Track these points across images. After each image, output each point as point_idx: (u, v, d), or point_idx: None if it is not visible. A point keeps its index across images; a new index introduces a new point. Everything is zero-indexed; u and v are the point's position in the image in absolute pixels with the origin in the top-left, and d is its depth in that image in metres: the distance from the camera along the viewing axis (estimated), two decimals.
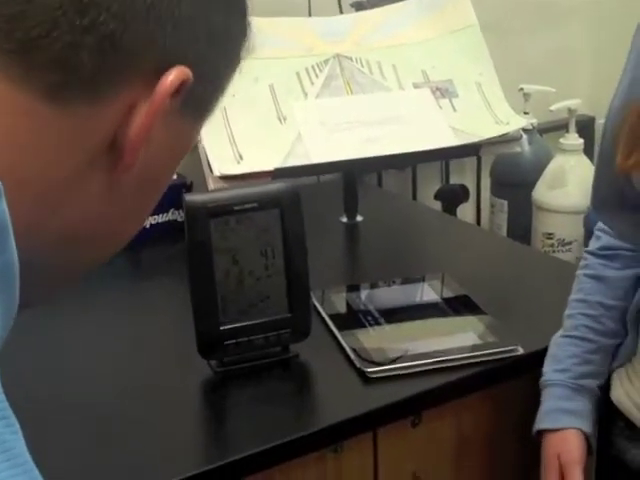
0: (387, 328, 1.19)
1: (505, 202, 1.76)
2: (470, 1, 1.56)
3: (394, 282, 1.32)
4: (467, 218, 1.84)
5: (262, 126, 1.41)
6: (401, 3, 1.59)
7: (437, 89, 1.49)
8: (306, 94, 1.47)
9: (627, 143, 0.99)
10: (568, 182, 1.66)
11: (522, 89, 1.76)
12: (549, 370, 1.12)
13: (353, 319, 1.22)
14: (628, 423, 1.09)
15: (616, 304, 1.12)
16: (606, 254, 1.15)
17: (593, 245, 1.18)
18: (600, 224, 1.17)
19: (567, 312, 1.15)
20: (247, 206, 1.08)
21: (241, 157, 1.37)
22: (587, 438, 1.08)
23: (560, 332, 1.14)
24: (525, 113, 1.76)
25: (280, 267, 1.09)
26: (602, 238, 1.16)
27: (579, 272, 1.17)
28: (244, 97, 1.44)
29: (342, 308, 1.26)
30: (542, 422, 1.10)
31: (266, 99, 1.44)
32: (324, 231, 1.48)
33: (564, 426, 1.08)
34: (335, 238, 1.52)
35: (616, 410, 1.10)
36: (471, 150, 1.42)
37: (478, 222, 1.90)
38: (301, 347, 1.12)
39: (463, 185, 1.75)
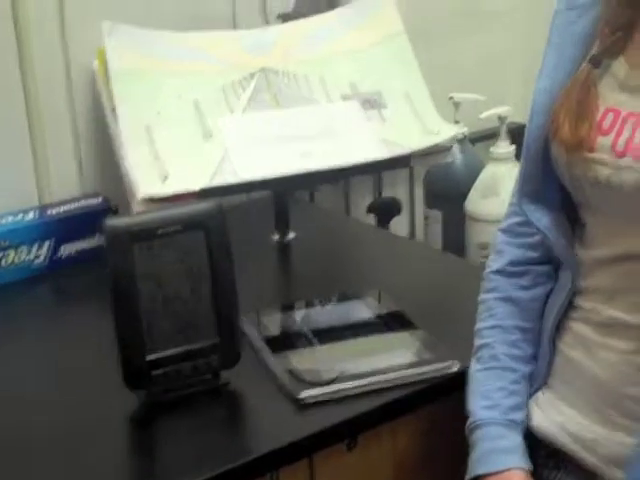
0: (321, 349, 1.16)
1: (439, 213, 1.75)
2: (397, 9, 1.54)
3: (329, 301, 1.29)
4: (402, 231, 1.83)
5: (187, 144, 1.37)
6: (328, 14, 1.57)
7: (366, 101, 1.47)
8: (232, 109, 1.43)
9: (573, 118, 0.98)
10: (500, 191, 1.65)
11: (452, 98, 1.74)
12: (477, 408, 1.05)
13: (287, 341, 1.19)
14: (549, 451, 1.04)
15: (532, 326, 1.08)
16: (515, 271, 1.10)
17: (498, 263, 1.11)
18: (502, 237, 1.12)
19: (481, 342, 1.09)
20: (171, 229, 1.04)
21: (166, 177, 1.32)
22: (527, 475, 1.02)
23: (477, 364, 1.08)
24: (456, 122, 1.75)
25: (207, 291, 1.05)
26: (506, 253, 1.11)
27: (487, 296, 1.11)
28: (168, 114, 1.40)
29: (275, 330, 1.22)
30: (479, 467, 1.03)
31: (191, 116, 1.40)
32: (256, 251, 1.45)
33: (504, 467, 1.01)
34: (267, 257, 1.48)
35: (535, 439, 1.05)
36: (402, 162, 1.40)
37: (413, 234, 1.88)
38: (232, 373, 1.08)
39: (395, 198, 1.73)
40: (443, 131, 1.42)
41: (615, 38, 0.98)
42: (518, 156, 1.72)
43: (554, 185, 1.03)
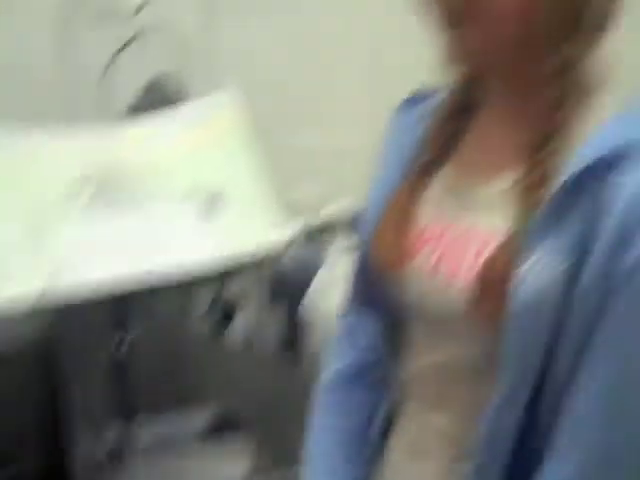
0: (150, 469, 1.16)
1: (277, 312, 1.77)
2: (237, 108, 1.57)
3: (160, 414, 1.29)
4: (241, 330, 1.84)
5: (24, 248, 1.36)
6: (168, 113, 1.59)
7: (206, 201, 1.49)
8: (69, 213, 1.43)
9: (393, 233, 1.01)
10: (340, 286, 1.69)
11: (292, 192, 1.79)
12: None
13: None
14: None
15: (363, 430, 1.10)
16: (349, 374, 1.12)
17: (333, 365, 1.13)
18: (337, 339, 1.14)
19: (313, 445, 1.10)
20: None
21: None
22: None
23: (309, 466, 1.09)
24: (296, 218, 1.79)
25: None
26: (341, 355, 1.13)
27: (321, 398, 1.12)
28: (4, 217, 1.38)
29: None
30: None
31: (28, 220, 1.39)
32: (93, 356, 1.44)
33: None
34: (104, 363, 1.47)
35: None
36: (242, 262, 1.42)
37: (252, 335, 1.89)
38: None
39: (235, 299, 1.75)
40: (283, 232, 1.45)
41: (439, 151, 1.02)
42: None
43: (380, 293, 1.05)
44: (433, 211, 1.01)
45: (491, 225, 0.93)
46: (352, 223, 1.78)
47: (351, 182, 2.02)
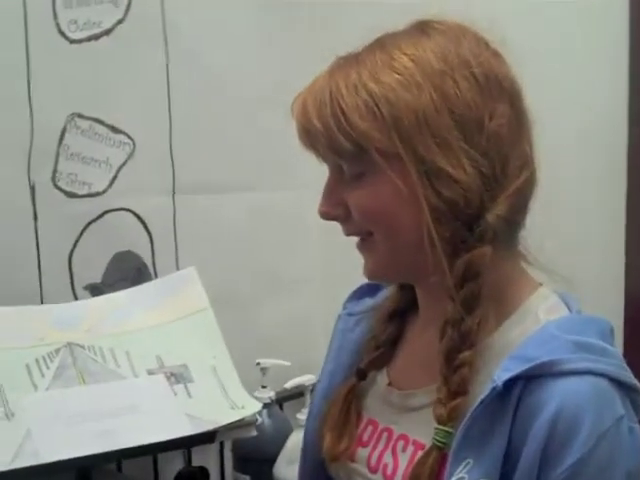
0: None
1: (248, 478, 1.75)
2: (201, 284, 1.60)
3: None
4: None
5: None
6: (134, 289, 1.61)
7: (172, 375, 1.49)
8: (36, 386, 1.42)
9: (335, 430, 1.02)
10: None
11: (259, 363, 1.79)
12: None
13: None
14: None
15: None
16: None
17: None
18: None
19: None
20: None
21: None
22: None
23: None
24: (263, 387, 1.79)
25: None
26: None
27: None
28: None
29: None
30: None
31: None
32: None
33: None
34: None
35: None
36: (206, 437, 1.41)
37: None
38: None
39: (203, 467, 1.73)
40: (248, 405, 1.45)
41: (379, 353, 1.05)
42: None
43: None
44: (377, 407, 1.03)
45: (422, 435, 0.94)
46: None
47: (315, 354, 2.04)
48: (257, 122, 1.92)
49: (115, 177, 1.79)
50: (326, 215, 0.97)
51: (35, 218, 1.69)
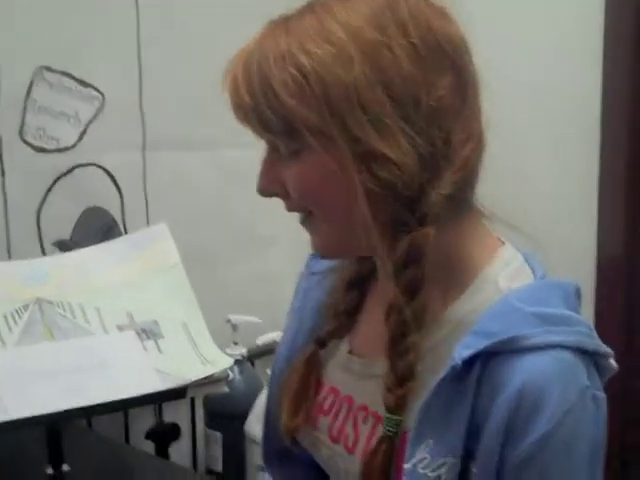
0: None
1: (219, 434, 1.75)
2: (172, 239, 1.59)
3: None
4: (183, 454, 1.81)
5: None
6: (104, 244, 1.59)
7: (142, 330, 1.48)
8: (4, 342, 1.40)
9: (293, 400, 1.00)
10: None
11: (230, 320, 1.79)
12: None
13: None
14: None
15: None
16: None
17: None
18: None
19: None
20: None
21: None
22: None
23: None
24: (235, 343, 1.79)
25: None
26: None
27: None
28: None
29: None
30: None
31: None
32: None
33: None
34: None
35: None
36: (177, 393, 1.40)
37: (194, 458, 1.86)
38: None
39: (175, 424, 1.73)
40: (219, 361, 1.44)
41: (338, 322, 1.02)
42: None
43: (289, 453, 1.07)
44: (338, 375, 1.01)
45: (381, 407, 0.90)
46: None
47: (285, 310, 2.04)
48: None
49: (84, 132, 1.77)
50: (264, 192, 0.93)
51: (2, 173, 1.66)
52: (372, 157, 0.83)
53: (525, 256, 0.93)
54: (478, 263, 0.89)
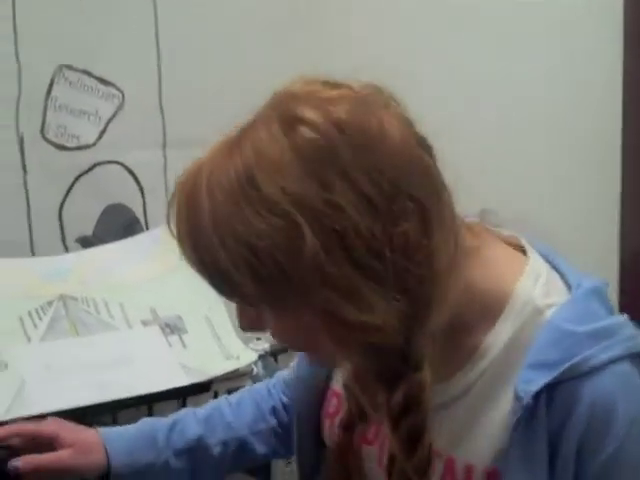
0: None
1: None
2: None
3: None
4: None
5: None
6: (126, 241, 1.60)
7: (166, 325, 1.48)
8: (30, 338, 1.41)
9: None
10: None
11: None
12: None
13: None
14: None
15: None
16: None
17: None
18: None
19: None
20: None
21: None
22: None
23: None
24: (257, 339, 1.78)
25: None
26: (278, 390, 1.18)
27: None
28: None
29: None
30: None
31: None
32: None
33: None
34: None
35: None
36: (202, 387, 1.41)
37: None
38: None
39: None
40: (243, 356, 1.45)
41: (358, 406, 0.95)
42: None
43: None
44: None
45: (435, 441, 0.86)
46: None
47: None
48: (250, 73, 1.90)
49: (104, 130, 1.77)
50: (247, 331, 0.88)
51: (24, 171, 1.67)
52: (350, 327, 0.76)
53: (546, 257, 0.90)
54: (506, 286, 0.85)
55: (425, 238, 0.77)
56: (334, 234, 0.73)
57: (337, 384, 1.00)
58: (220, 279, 0.79)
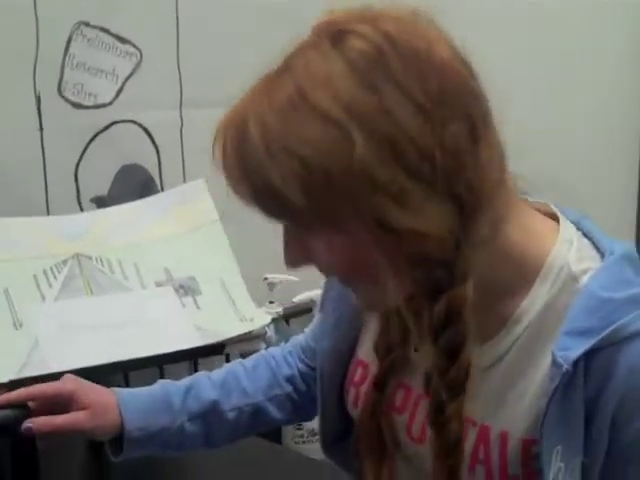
0: None
1: None
2: (210, 197, 1.58)
3: None
4: None
5: None
6: (142, 201, 1.59)
7: (180, 287, 1.48)
8: (44, 297, 1.41)
9: (373, 462, 0.96)
10: None
11: (267, 278, 1.79)
12: None
13: None
14: None
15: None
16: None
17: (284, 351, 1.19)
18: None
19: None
20: None
21: None
22: None
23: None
24: (270, 302, 1.79)
25: None
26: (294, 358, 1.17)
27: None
28: None
29: None
30: None
31: (0, 305, 1.37)
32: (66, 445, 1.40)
33: None
34: (79, 451, 1.43)
35: None
36: (216, 349, 1.41)
37: None
38: None
39: None
40: (257, 318, 1.44)
41: (392, 356, 0.95)
42: None
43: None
44: (407, 371, 0.95)
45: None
46: None
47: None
48: (268, 34, 1.87)
49: (121, 88, 1.76)
50: (292, 265, 0.87)
51: (40, 129, 1.66)
52: (400, 235, 0.76)
53: (577, 224, 0.90)
54: (543, 250, 0.86)
55: (473, 141, 0.78)
56: (384, 139, 0.74)
57: (362, 353, 1.00)
58: (271, 198, 0.78)
